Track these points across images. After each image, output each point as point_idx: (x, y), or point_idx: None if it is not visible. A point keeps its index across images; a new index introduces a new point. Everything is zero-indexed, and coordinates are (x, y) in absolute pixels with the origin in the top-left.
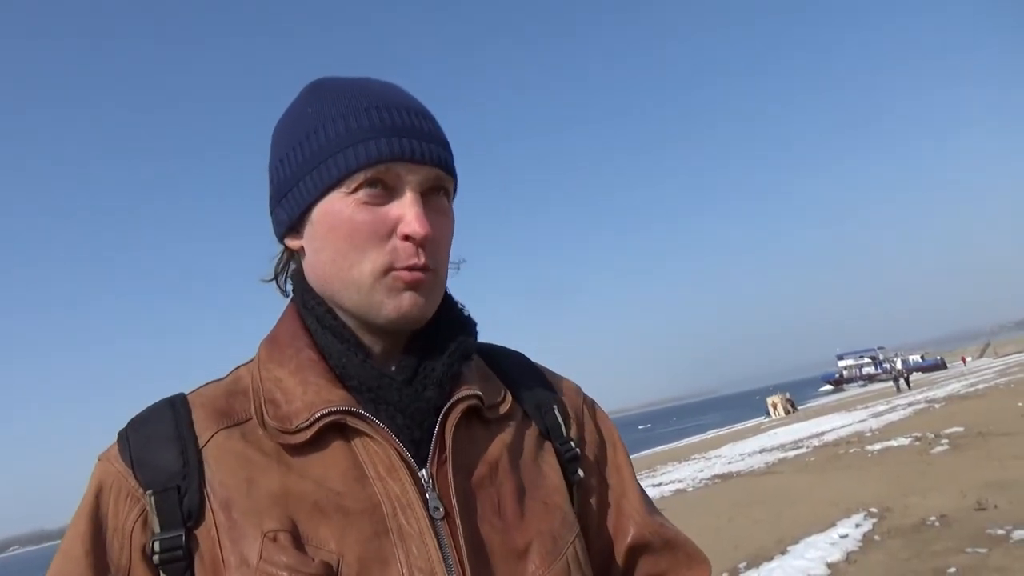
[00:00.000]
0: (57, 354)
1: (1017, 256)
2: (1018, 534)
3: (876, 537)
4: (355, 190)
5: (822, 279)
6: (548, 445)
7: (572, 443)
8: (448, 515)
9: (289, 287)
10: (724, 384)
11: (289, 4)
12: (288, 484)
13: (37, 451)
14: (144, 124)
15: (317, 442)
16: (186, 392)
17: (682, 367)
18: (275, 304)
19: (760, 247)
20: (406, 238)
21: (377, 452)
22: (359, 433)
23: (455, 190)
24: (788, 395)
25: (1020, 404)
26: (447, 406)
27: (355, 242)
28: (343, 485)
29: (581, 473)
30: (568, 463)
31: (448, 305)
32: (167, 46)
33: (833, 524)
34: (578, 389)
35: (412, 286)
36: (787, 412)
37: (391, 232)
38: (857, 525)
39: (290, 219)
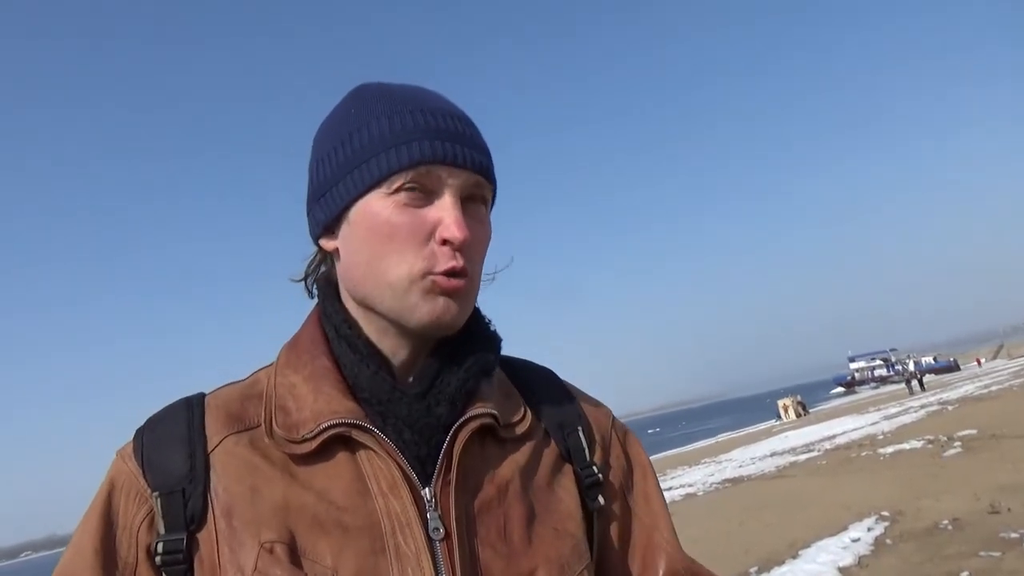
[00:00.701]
0: (59, 355)
1: None
2: None
3: (888, 541)
4: (395, 191)
5: (832, 280)
6: (567, 468)
7: (595, 468)
8: (448, 537)
9: (315, 291)
10: (734, 387)
11: (289, 4)
12: (290, 495)
13: (48, 457)
14: (144, 124)
15: (323, 453)
16: (207, 392)
17: (691, 370)
18: (275, 305)
19: (762, 247)
20: (444, 242)
21: (381, 468)
22: (364, 447)
23: (494, 199)
24: (799, 397)
25: None
26: (458, 424)
27: (393, 244)
28: (345, 500)
29: (601, 501)
30: (588, 489)
31: (475, 318)
32: (167, 46)
33: (845, 528)
34: (608, 413)
35: (448, 293)
36: (798, 415)
37: (429, 235)
38: (869, 529)
39: (327, 219)
